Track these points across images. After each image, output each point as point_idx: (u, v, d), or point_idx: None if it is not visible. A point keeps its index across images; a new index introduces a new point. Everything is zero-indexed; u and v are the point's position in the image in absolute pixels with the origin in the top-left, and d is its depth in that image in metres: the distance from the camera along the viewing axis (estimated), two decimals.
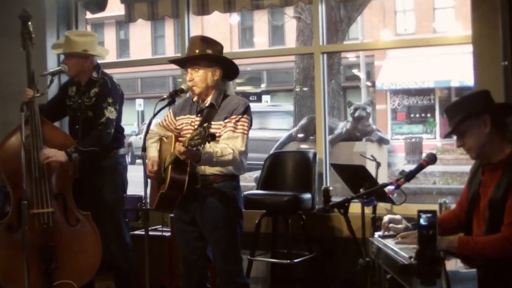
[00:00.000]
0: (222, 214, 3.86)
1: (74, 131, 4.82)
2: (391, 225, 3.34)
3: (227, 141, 3.70)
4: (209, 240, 3.92)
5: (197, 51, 3.86)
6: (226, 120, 3.78)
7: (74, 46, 4.75)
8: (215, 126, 3.76)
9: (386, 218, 3.39)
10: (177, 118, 4.03)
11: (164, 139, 4.03)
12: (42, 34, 5.95)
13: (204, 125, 3.35)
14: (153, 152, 4.01)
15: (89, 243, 4.61)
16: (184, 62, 4.02)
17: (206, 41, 3.91)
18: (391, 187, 3.36)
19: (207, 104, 3.90)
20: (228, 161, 3.73)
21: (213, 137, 3.33)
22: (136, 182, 4.97)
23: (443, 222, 3.25)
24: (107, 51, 5.31)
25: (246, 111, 3.84)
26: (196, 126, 3.81)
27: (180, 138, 3.75)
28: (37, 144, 4.56)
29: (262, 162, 5.59)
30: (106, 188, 4.73)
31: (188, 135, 3.47)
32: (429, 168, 3.82)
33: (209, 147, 3.58)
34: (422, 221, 2.59)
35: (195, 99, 3.96)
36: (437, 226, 2.58)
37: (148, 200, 3.80)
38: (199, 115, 3.91)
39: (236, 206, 3.94)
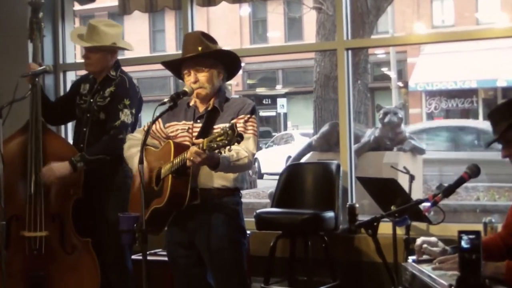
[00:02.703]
0: (226, 234, 3.88)
1: (81, 134, 4.77)
2: (424, 245, 3.32)
3: None
4: (210, 264, 3.92)
5: (200, 48, 3.87)
6: (232, 121, 3.80)
7: (105, 38, 4.69)
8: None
9: (419, 241, 3.37)
10: (167, 124, 4.04)
11: (151, 148, 4.02)
12: (24, 28, 5.96)
13: (231, 123, 3.36)
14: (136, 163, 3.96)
15: (86, 274, 4.57)
16: (177, 65, 4.03)
17: (207, 37, 3.95)
18: (427, 204, 3.35)
19: (209, 108, 3.91)
20: (244, 165, 3.75)
21: (242, 138, 3.35)
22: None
23: (488, 245, 3.23)
24: (131, 45, 5.29)
25: (254, 111, 3.90)
26: (196, 133, 3.84)
27: (196, 141, 3.71)
28: (36, 156, 4.53)
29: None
30: (112, 206, 4.62)
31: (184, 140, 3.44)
32: (472, 182, 3.81)
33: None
34: (463, 244, 2.59)
35: (192, 103, 3.98)
36: (481, 249, 2.57)
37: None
38: (198, 120, 3.93)
39: (240, 224, 3.96)
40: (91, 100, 4.75)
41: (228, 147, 3.35)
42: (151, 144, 4.04)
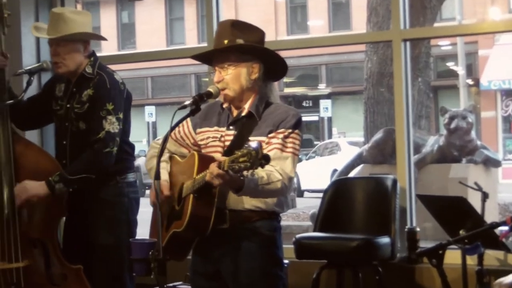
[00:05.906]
0: (259, 265, 3.87)
1: (61, 148, 4.77)
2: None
3: (273, 162, 3.70)
4: None
5: (225, 41, 3.87)
6: (270, 135, 3.80)
7: (73, 26, 4.64)
8: None
9: (507, 280, 3.30)
10: (198, 130, 4.04)
11: (177, 157, 4.04)
12: (15, 17, 5.99)
13: (256, 144, 3.36)
14: (163, 174, 3.97)
15: None
16: (210, 58, 4.04)
17: (238, 27, 3.90)
18: (504, 228, 3.33)
19: (243, 113, 3.91)
20: (276, 190, 3.75)
21: (267, 160, 3.36)
22: (144, 221, 4.97)
23: None
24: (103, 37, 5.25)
25: (298, 125, 3.86)
26: (228, 143, 3.84)
27: (218, 158, 3.70)
28: (6, 170, 4.55)
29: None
30: (103, 229, 4.66)
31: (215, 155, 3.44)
32: None
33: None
34: None
35: (225, 105, 3.98)
36: None
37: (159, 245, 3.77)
38: (231, 127, 3.93)
39: (276, 254, 3.95)
40: (68, 106, 4.73)
41: (250, 170, 3.37)
42: (179, 153, 4.06)
